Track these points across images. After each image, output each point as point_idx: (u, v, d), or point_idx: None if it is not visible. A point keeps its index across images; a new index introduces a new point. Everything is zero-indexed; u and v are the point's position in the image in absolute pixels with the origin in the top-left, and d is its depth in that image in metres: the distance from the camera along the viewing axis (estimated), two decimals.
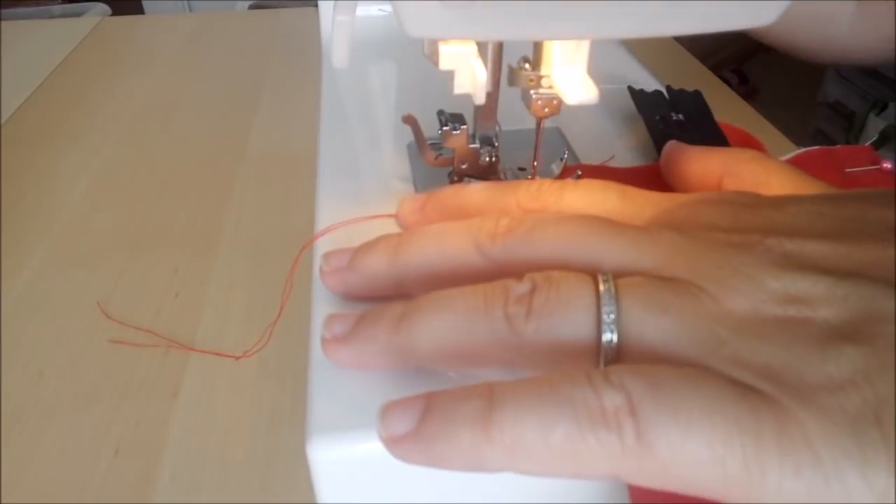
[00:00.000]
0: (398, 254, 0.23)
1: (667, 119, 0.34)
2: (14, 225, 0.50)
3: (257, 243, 0.48)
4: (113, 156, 0.60)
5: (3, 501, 0.32)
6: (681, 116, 0.33)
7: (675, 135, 0.32)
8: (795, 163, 0.28)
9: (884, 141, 0.65)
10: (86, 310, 0.42)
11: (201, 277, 0.45)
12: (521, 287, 0.19)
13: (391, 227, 0.29)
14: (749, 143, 0.32)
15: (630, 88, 0.37)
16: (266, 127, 0.63)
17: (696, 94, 0.35)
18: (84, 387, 0.37)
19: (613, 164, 0.33)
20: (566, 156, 0.31)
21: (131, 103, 0.69)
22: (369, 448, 0.20)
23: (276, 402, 0.36)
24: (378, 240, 0.24)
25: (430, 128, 0.28)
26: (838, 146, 0.31)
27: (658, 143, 0.33)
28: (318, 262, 0.27)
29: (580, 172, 0.30)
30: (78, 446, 0.34)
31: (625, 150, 0.35)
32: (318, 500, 0.21)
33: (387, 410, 0.18)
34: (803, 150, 0.31)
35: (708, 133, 0.33)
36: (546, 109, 0.26)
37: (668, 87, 0.37)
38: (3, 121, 0.65)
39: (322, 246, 0.28)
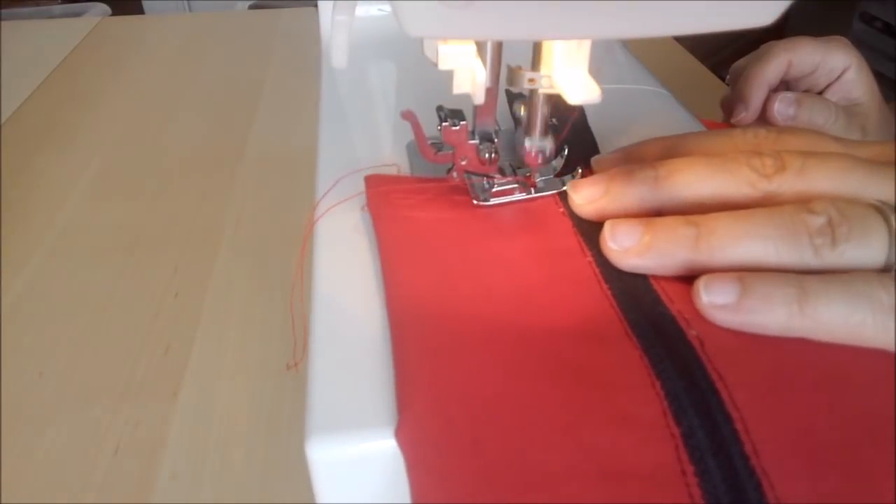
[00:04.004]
0: (662, 185, 0.25)
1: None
2: (14, 225, 0.50)
3: (257, 243, 0.48)
4: (113, 156, 0.60)
5: (3, 501, 0.32)
6: (554, 121, 0.30)
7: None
8: None
9: None
10: (86, 310, 0.42)
11: (201, 277, 0.45)
12: (818, 219, 0.22)
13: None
14: None
15: (507, 91, 0.32)
16: (266, 127, 0.63)
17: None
18: (84, 387, 0.37)
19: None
20: (566, 153, 0.31)
21: (131, 103, 0.69)
22: (369, 448, 0.20)
23: (276, 402, 0.36)
24: (631, 170, 0.26)
25: (430, 127, 0.28)
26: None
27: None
28: (318, 261, 0.27)
29: (580, 170, 0.30)
30: (78, 446, 0.34)
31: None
32: (318, 500, 0.21)
33: (707, 283, 0.22)
34: None
35: (580, 133, 0.31)
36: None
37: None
38: (3, 121, 0.65)
39: (322, 235, 0.28)
